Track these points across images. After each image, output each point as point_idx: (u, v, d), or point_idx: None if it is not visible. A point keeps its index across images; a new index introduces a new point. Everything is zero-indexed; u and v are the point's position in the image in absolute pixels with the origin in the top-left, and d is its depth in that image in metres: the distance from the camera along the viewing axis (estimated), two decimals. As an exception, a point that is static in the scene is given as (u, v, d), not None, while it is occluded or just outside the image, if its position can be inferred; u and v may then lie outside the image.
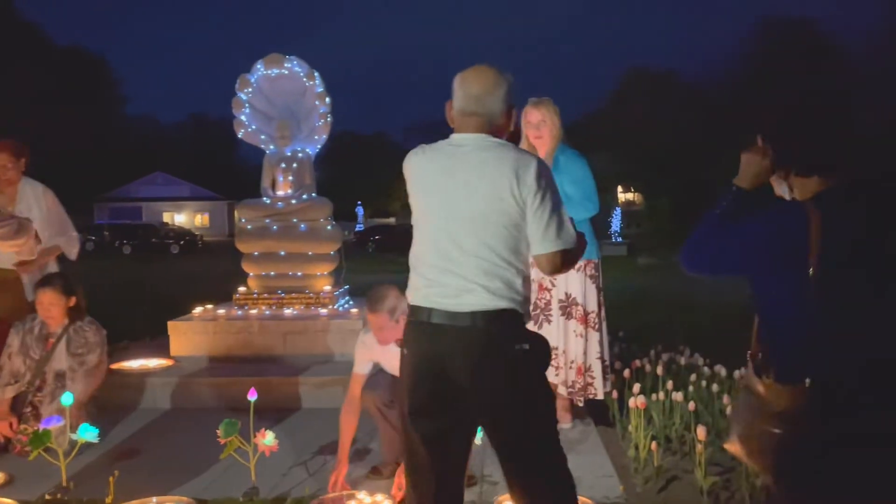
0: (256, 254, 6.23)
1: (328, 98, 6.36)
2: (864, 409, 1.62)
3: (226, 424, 3.36)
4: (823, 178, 1.75)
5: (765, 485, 1.94)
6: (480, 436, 2.67)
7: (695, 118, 32.47)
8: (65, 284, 4.25)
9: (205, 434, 3.84)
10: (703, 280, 2.01)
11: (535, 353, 2.21)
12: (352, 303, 6.42)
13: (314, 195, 6.41)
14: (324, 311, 5.96)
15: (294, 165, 6.36)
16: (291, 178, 6.35)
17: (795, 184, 1.79)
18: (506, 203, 2.12)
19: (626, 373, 4.70)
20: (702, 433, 3.35)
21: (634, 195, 46.96)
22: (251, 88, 6.34)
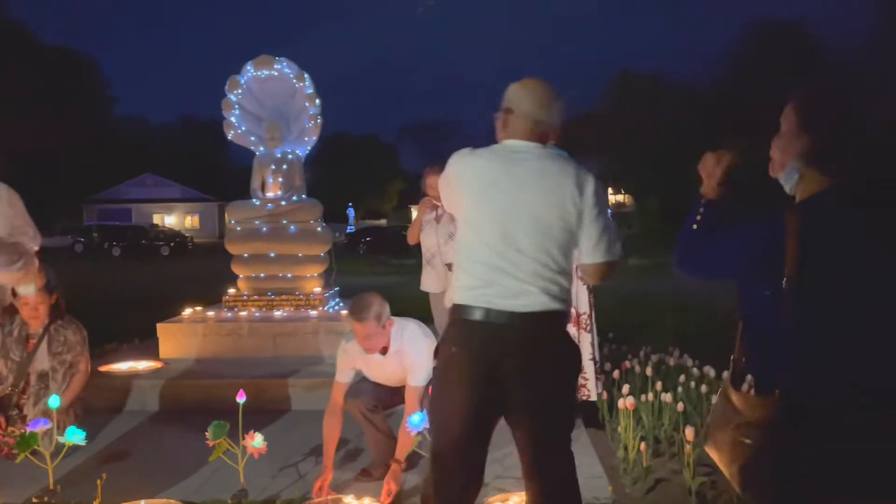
0: (246, 255, 6.22)
1: (318, 100, 6.36)
2: (837, 425, 1.57)
3: (214, 426, 3.35)
4: (832, 177, 1.69)
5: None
6: None
7: (684, 119, 32.59)
8: (48, 283, 4.23)
9: (193, 436, 3.83)
10: (693, 281, 2.01)
11: (577, 354, 2.39)
12: (342, 305, 6.42)
13: (304, 197, 6.40)
14: (314, 313, 5.95)
15: (284, 167, 6.35)
16: (281, 180, 6.35)
17: (806, 177, 1.72)
18: (566, 211, 2.23)
19: (616, 374, 4.71)
20: (690, 434, 3.37)
21: (625, 197, 47.07)
22: (241, 90, 6.33)
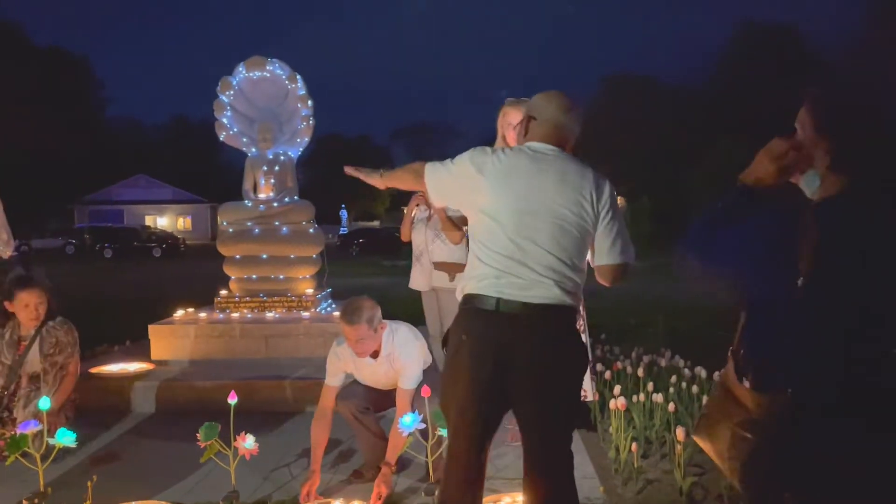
0: (238, 257, 6.21)
1: (310, 101, 6.35)
2: (840, 425, 1.56)
3: (206, 428, 3.33)
4: (851, 178, 1.66)
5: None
6: None
7: (675, 121, 32.70)
8: (44, 283, 4.23)
9: (185, 438, 3.81)
10: (685, 282, 1.98)
11: (584, 352, 2.46)
12: (334, 306, 6.41)
13: (296, 198, 6.40)
14: (306, 315, 5.95)
15: (276, 168, 6.34)
16: (273, 181, 6.33)
17: (827, 179, 1.68)
18: (583, 212, 2.33)
19: (608, 375, 4.73)
20: (681, 434, 3.39)
21: (616, 199, 47.24)
22: (233, 91, 6.32)
